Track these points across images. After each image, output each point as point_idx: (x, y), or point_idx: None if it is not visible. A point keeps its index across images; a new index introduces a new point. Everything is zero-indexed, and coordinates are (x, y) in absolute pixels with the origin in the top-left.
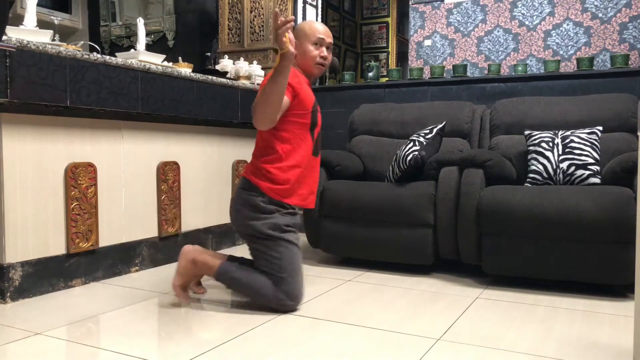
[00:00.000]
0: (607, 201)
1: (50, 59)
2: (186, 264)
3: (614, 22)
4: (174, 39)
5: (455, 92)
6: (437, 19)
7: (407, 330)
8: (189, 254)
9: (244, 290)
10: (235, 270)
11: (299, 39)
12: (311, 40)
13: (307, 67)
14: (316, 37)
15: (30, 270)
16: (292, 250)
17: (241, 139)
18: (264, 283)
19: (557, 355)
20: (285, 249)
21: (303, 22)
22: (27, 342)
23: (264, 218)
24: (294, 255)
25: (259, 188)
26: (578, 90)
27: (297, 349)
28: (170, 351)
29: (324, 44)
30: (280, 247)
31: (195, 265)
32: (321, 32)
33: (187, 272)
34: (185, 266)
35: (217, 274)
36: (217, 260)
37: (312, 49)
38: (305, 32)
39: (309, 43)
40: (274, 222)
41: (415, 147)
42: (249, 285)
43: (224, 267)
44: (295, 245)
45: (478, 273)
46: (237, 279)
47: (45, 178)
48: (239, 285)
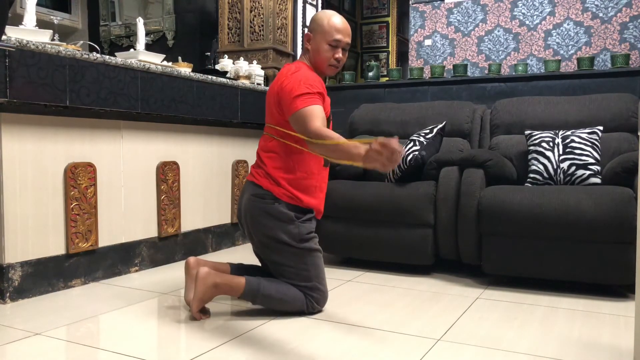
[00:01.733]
0: (608, 201)
1: (50, 59)
2: (206, 289)
3: (614, 22)
4: (174, 38)
5: (455, 92)
6: (438, 18)
7: (407, 331)
8: (208, 279)
9: (277, 304)
10: (264, 287)
11: (315, 32)
12: (327, 40)
13: (319, 65)
14: (333, 38)
15: (29, 271)
16: (317, 257)
17: (241, 139)
18: (296, 294)
19: (557, 356)
20: (311, 259)
21: (322, 13)
22: (26, 342)
23: (283, 227)
24: (319, 262)
25: (272, 194)
26: (578, 90)
27: (298, 350)
28: (169, 351)
29: (341, 45)
30: (306, 257)
31: (218, 288)
32: (340, 31)
33: (209, 297)
34: (205, 291)
35: (244, 294)
36: (238, 279)
37: (327, 48)
38: (323, 28)
39: (324, 42)
40: (296, 231)
41: (415, 147)
42: (282, 299)
43: (251, 286)
44: (319, 250)
45: (478, 273)
46: (268, 295)
47: (45, 178)
48: (271, 300)
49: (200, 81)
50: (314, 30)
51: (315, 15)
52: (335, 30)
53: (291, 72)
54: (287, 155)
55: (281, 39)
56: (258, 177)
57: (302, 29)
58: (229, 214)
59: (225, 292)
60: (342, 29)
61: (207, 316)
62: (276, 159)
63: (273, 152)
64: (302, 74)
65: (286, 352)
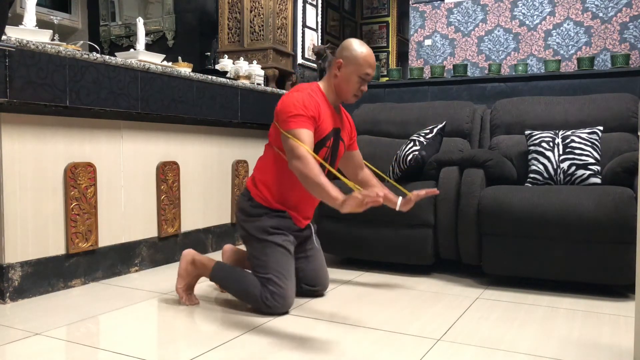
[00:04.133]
0: (608, 201)
1: (50, 59)
2: (186, 265)
3: (614, 22)
4: (174, 38)
5: (455, 92)
6: (438, 18)
7: (407, 331)
8: (187, 256)
9: (234, 288)
10: (227, 270)
11: (347, 62)
12: (359, 73)
13: (344, 93)
14: (365, 72)
15: (29, 271)
16: (278, 251)
17: (241, 139)
18: (253, 282)
19: (557, 356)
20: (271, 250)
21: (357, 44)
22: (26, 342)
23: (252, 221)
24: (282, 257)
25: (249, 193)
26: (578, 90)
27: (298, 350)
28: (169, 351)
29: (368, 79)
30: (267, 248)
31: (194, 265)
32: (372, 67)
33: (188, 273)
34: (185, 267)
35: (211, 273)
36: (211, 260)
37: (357, 80)
38: (357, 61)
39: (356, 74)
40: (260, 224)
41: (415, 147)
42: (239, 284)
43: (218, 266)
44: (283, 247)
45: (478, 273)
46: (228, 278)
47: (45, 178)
48: (230, 284)
49: (200, 81)
50: (347, 60)
51: (350, 45)
52: (368, 65)
53: (295, 90)
54: (277, 165)
55: (281, 39)
56: (249, 180)
57: (302, 29)
58: (229, 214)
59: (200, 271)
60: (373, 65)
61: (193, 301)
62: (266, 165)
63: (266, 158)
64: (301, 95)
65: (286, 352)
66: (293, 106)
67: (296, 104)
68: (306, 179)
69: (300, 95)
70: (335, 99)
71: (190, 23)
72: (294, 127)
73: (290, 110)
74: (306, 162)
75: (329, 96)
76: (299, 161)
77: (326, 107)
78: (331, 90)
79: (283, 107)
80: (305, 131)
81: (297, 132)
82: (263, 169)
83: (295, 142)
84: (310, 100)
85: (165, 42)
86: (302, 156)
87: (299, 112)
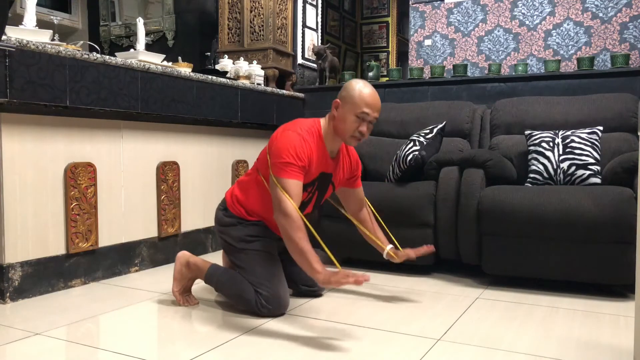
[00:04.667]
0: (608, 201)
1: (50, 59)
2: (180, 267)
3: (614, 22)
4: (174, 38)
5: (455, 92)
6: (437, 18)
7: (407, 331)
8: (182, 258)
9: (229, 292)
10: (222, 274)
11: (344, 101)
12: (355, 112)
13: (340, 134)
14: (361, 111)
15: (29, 271)
16: (261, 256)
17: (241, 139)
18: (248, 288)
19: (557, 356)
20: (254, 257)
21: (355, 83)
22: (26, 342)
23: (227, 231)
24: (266, 261)
25: (225, 203)
26: (578, 90)
27: (298, 349)
28: (169, 351)
29: (368, 119)
30: (249, 256)
31: (189, 267)
32: (370, 105)
33: (183, 276)
34: (180, 270)
35: (206, 276)
36: (206, 263)
37: (353, 119)
38: (353, 100)
39: (352, 113)
40: (237, 234)
41: (415, 147)
42: (233, 289)
43: (212, 270)
44: (264, 251)
45: (478, 273)
46: (223, 281)
47: (45, 178)
48: (224, 287)
49: (200, 81)
50: (344, 99)
51: (348, 84)
52: (365, 103)
53: (293, 128)
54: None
55: (281, 39)
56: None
57: (302, 29)
58: None
59: (195, 273)
60: (371, 103)
61: (192, 302)
62: (248, 189)
63: (250, 182)
64: (297, 140)
65: (286, 352)
66: (287, 152)
67: (290, 150)
68: (289, 240)
69: (296, 139)
70: (334, 141)
71: (190, 23)
72: (284, 176)
73: (283, 157)
74: (291, 222)
75: (327, 138)
76: (285, 219)
77: (320, 151)
78: (330, 132)
79: (278, 149)
80: (295, 182)
81: (286, 183)
82: (245, 191)
83: (283, 195)
84: (303, 147)
85: (165, 42)
86: (289, 214)
87: (290, 161)
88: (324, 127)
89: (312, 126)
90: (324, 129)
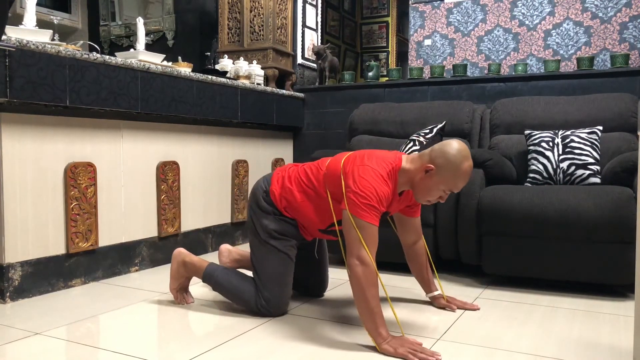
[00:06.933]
0: (607, 201)
1: (50, 59)
2: (177, 266)
3: (614, 22)
4: (174, 38)
5: (455, 92)
6: (437, 18)
7: (407, 330)
8: (178, 257)
9: (227, 292)
10: (220, 274)
11: (439, 170)
12: (448, 186)
13: (417, 195)
14: (450, 186)
15: (29, 270)
16: (279, 257)
17: (241, 139)
18: (247, 288)
19: (557, 355)
20: (272, 256)
21: (458, 152)
22: (26, 342)
23: (258, 215)
24: (281, 264)
25: (270, 185)
26: (578, 90)
27: (297, 349)
28: (169, 351)
29: (455, 192)
30: (268, 253)
31: (185, 266)
32: (464, 182)
33: (179, 275)
34: (177, 269)
35: (204, 275)
36: (203, 262)
37: (440, 191)
38: (449, 173)
39: (443, 185)
40: (266, 224)
41: (415, 146)
42: (232, 290)
43: (210, 269)
44: (284, 253)
45: (478, 273)
46: (221, 282)
47: (45, 178)
48: (222, 287)
49: (200, 81)
50: (440, 169)
51: (449, 150)
52: (462, 181)
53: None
54: (318, 203)
55: (281, 39)
56: (278, 171)
57: (301, 29)
58: (229, 213)
59: (191, 272)
60: (467, 180)
61: (189, 300)
62: (307, 195)
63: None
64: (381, 182)
65: (286, 351)
66: (372, 193)
67: (376, 193)
68: (361, 293)
69: (381, 182)
70: (404, 187)
71: (190, 23)
72: (366, 219)
73: (368, 198)
74: (368, 274)
75: (400, 182)
76: (363, 269)
77: (392, 195)
78: (407, 181)
79: (362, 186)
80: (375, 229)
81: (367, 229)
82: (303, 193)
83: (362, 242)
84: (385, 192)
85: (165, 42)
86: (368, 265)
87: (374, 204)
88: (402, 169)
89: (392, 169)
90: (402, 172)
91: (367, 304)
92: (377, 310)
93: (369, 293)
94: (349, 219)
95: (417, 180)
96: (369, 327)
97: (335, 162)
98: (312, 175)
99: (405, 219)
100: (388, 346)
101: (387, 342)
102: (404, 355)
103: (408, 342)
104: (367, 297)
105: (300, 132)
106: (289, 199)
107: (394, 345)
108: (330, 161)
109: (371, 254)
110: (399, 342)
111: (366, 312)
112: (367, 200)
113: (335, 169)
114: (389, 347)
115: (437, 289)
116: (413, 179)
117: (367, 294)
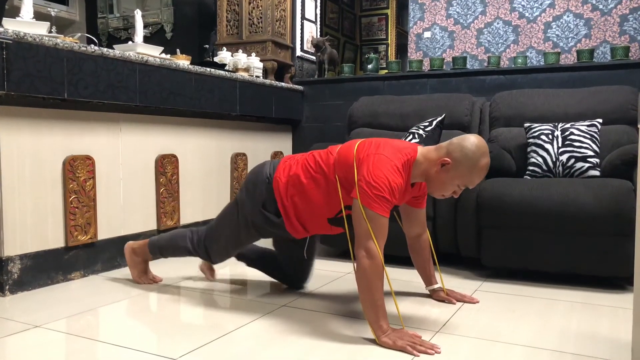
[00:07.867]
0: (607, 194)
1: (48, 51)
2: (129, 256)
3: (614, 14)
4: (172, 31)
5: (454, 85)
6: (437, 10)
7: (406, 323)
8: (127, 248)
9: (170, 250)
10: (158, 241)
11: (456, 164)
12: (463, 181)
13: (431, 188)
14: (466, 182)
15: (29, 263)
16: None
17: (240, 132)
18: (180, 237)
19: (555, 348)
20: (238, 231)
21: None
22: (26, 334)
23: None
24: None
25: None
26: (578, 83)
27: (296, 342)
28: (168, 344)
29: (471, 187)
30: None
31: (135, 253)
32: (475, 182)
33: (135, 263)
34: (130, 259)
35: (149, 248)
36: (146, 241)
37: (455, 185)
38: (466, 169)
39: (459, 180)
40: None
41: (414, 139)
42: (171, 243)
43: (150, 244)
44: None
45: (477, 266)
46: (162, 246)
47: (43, 171)
48: (166, 250)
49: (198, 74)
50: (457, 163)
51: (468, 144)
52: (478, 177)
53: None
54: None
55: (280, 31)
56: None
57: (300, 22)
58: None
59: (142, 255)
60: (483, 176)
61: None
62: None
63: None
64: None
65: (285, 345)
66: (385, 184)
67: (390, 183)
68: (367, 285)
69: (395, 173)
70: (418, 178)
71: (189, 15)
72: (377, 210)
73: (380, 189)
74: (375, 267)
75: (415, 173)
76: (370, 261)
77: (405, 186)
78: (421, 173)
79: (376, 176)
80: (385, 221)
81: (377, 220)
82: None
83: (371, 234)
84: (398, 184)
85: (164, 35)
86: (376, 258)
87: (386, 196)
88: (418, 162)
89: (407, 161)
90: (417, 164)
91: (371, 296)
92: (380, 303)
93: (373, 286)
94: (359, 209)
95: (432, 174)
96: (370, 319)
97: (347, 149)
98: (322, 161)
99: (411, 210)
100: (387, 339)
101: (387, 335)
102: (403, 347)
103: (407, 335)
104: (372, 290)
105: (299, 125)
106: (297, 186)
107: (393, 337)
108: (342, 147)
109: (379, 247)
110: (398, 335)
111: (369, 304)
112: (380, 191)
113: (347, 155)
114: (388, 339)
115: (437, 282)
116: (428, 171)
117: (371, 286)
